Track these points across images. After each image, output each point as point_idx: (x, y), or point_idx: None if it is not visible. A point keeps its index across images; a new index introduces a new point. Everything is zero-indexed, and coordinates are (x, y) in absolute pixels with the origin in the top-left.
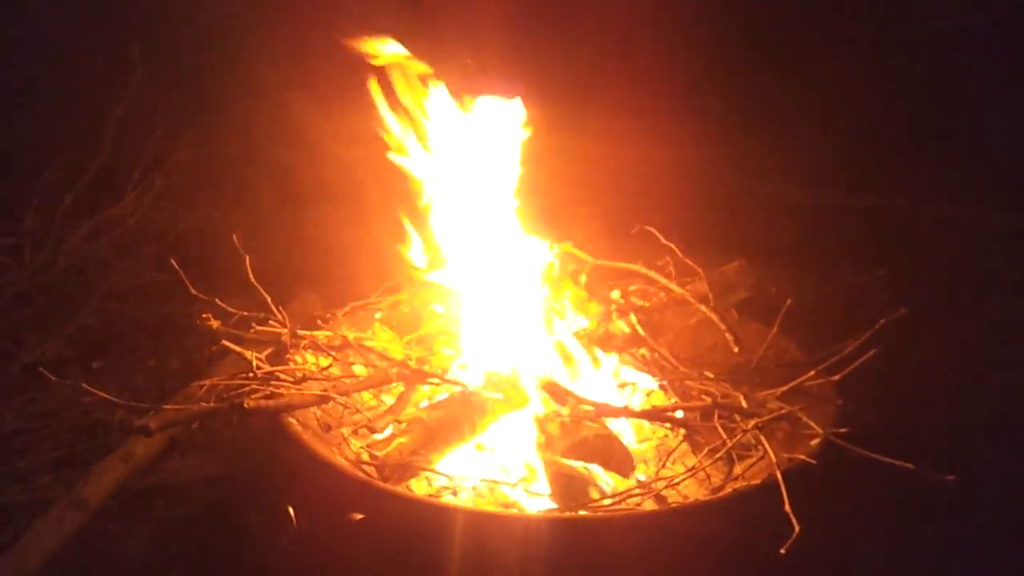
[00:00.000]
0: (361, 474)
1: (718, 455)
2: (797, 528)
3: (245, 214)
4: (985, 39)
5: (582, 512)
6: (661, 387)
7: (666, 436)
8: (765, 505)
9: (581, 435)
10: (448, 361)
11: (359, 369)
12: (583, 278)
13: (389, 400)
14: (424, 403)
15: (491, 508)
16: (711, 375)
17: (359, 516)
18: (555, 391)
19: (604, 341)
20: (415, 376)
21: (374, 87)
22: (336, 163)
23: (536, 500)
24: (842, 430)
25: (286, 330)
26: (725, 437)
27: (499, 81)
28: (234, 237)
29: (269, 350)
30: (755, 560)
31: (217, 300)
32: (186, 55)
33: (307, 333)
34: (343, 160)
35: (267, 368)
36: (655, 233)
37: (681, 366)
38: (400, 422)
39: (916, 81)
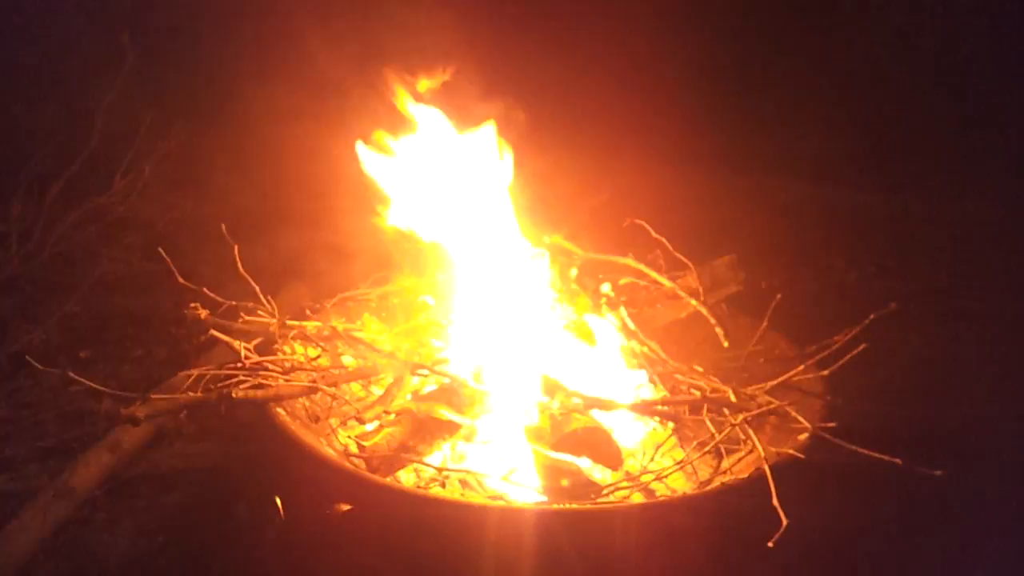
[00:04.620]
0: (349, 465)
1: (706, 449)
2: (784, 522)
3: (234, 204)
4: (985, 36)
5: (570, 505)
6: (650, 380)
7: (655, 430)
8: (753, 499)
9: (570, 428)
10: (437, 353)
11: (348, 360)
12: (573, 271)
13: (378, 391)
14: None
15: (479, 500)
16: (700, 369)
17: (346, 507)
18: (545, 384)
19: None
20: (404, 368)
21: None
22: (325, 152)
23: (524, 492)
24: (830, 425)
25: (275, 320)
26: (714, 431)
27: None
28: (223, 227)
29: (257, 340)
30: (742, 553)
31: (205, 290)
32: (175, 44)
33: (296, 323)
34: (332, 150)
35: (255, 358)
36: (646, 227)
37: (670, 360)
38: (389, 413)
39: (912, 78)
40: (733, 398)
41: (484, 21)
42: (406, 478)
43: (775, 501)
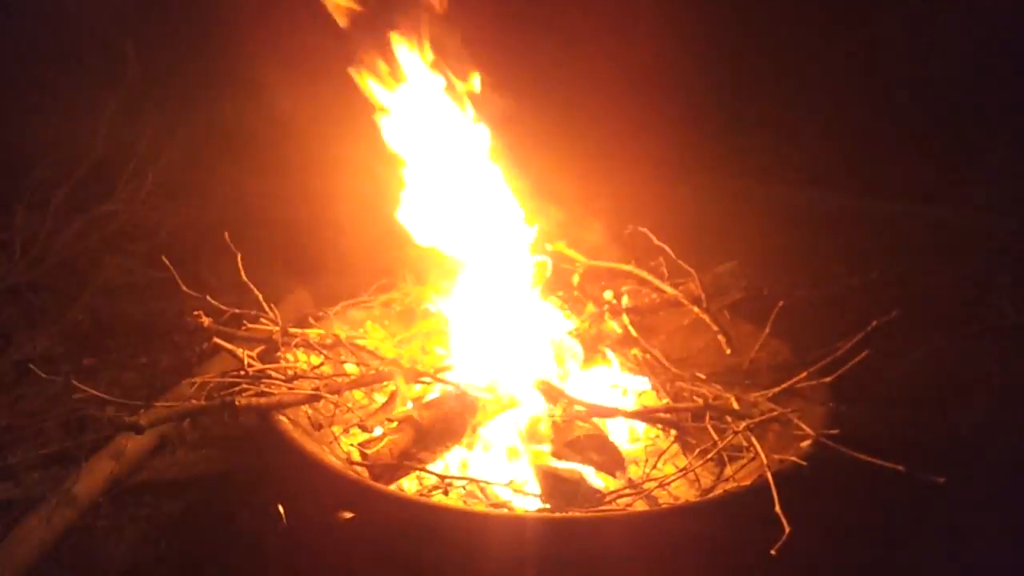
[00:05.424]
0: (352, 473)
1: (709, 456)
2: (787, 529)
3: (237, 211)
4: (979, 41)
5: (572, 512)
6: (653, 388)
7: (657, 437)
8: (755, 506)
9: (572, 435)
10: (440, 360)
11: (351, 368)
12: (576, 278)
13: (381, 399)
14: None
15: (482, 508)
16: (703, 376)
17: (349, 515)
18: (548, 391)
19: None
20: (407, 375)
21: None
22: (329, 161)
23: (527, 500)
24: (833, 432)
25: (277, 328)
26: (716, 438)
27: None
28: (226, 235)
29: (260, 348)
30: (745, 561)
31: (208, 297)
32: (178, 52)
33: (299, 331)
34: (336, 157)
35: (258, 366)
36: (648, 234)
37: (673, 367)
38: (391, 421)
39: (912, 85)
40: (736, 405)
41: (485, 27)
42: (409, 486)
43: (778, 508)
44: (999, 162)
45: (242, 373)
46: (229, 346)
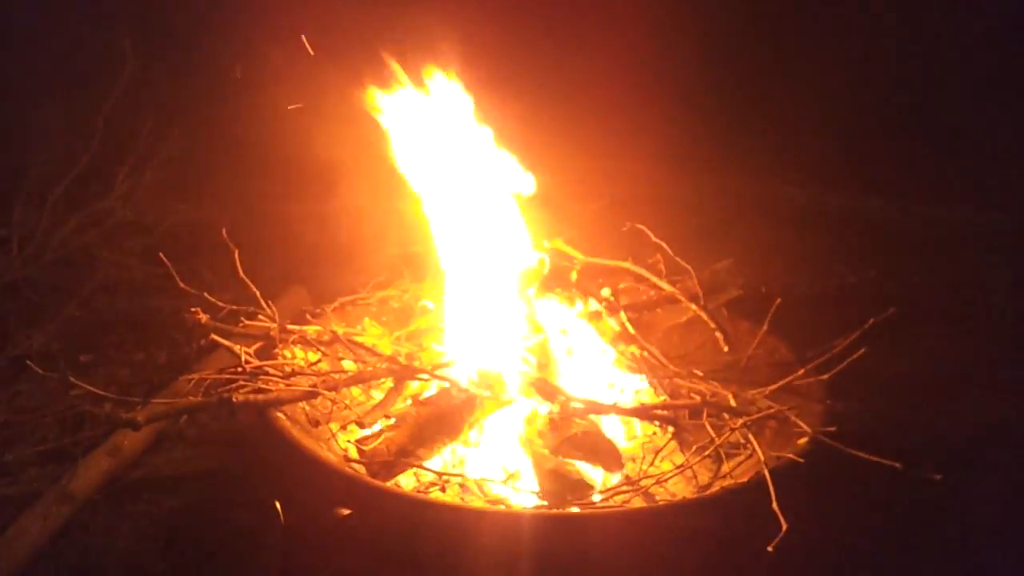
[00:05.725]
0: (349, 470)
1: (706, 453)
2: (784, 526)
3: (234, 208)
4: (977, 40)
5: (570, 509)
6: (650, 385)
7: (655, 434)
8: (752, 503)
9: (570, 432)
10: (438, 357)
11: (348, 364)
12: (573, 275)
13: (378, 396)
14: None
15: (479, 504)
16: (700, 373)
17: (346, 511)
18: (545, 388)
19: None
20: (404, 372)
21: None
22: (325, 157)
23: (524, 496)
24: (830, 429)
25: (275, 325)
26: (713, 435)
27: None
28: (223, 231)
29: (258, 345)
30: (742, 557)
31: (206, 294)
32: (177, 49)
33: (296, 328)
34: (333, 154)
35: (255, 363)
36: (645, 231)
37: (670, 364)
38: (389, 418)
39: (908, 82)
40: (733, 402)
41: (485, 23)
42: (406, 482)
43: (775, 505)
44: (998, 161)
45: (239, 370)
46: (226, 343)
